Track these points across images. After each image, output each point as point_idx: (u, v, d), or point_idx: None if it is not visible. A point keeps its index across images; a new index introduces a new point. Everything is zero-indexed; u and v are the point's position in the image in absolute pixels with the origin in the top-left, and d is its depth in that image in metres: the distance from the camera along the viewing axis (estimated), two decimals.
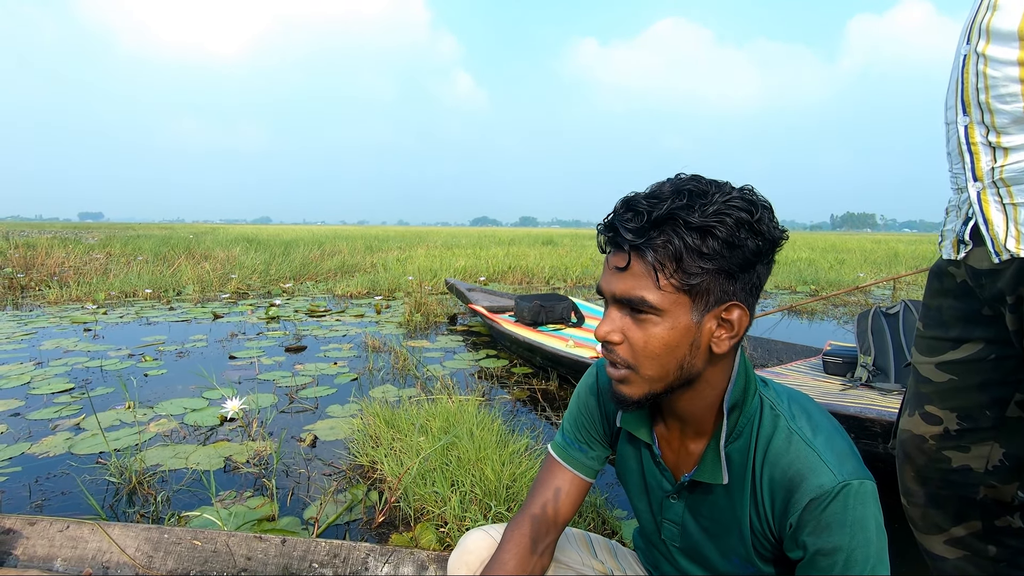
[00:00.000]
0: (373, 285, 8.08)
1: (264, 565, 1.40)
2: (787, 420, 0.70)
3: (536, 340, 3.77)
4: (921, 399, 0.89)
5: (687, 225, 0.62)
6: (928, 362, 0.89)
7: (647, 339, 0.66)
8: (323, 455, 2.36)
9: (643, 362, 0.67)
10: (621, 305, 0.67)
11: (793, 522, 0.66)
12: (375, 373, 3.65)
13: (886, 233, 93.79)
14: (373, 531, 1.78)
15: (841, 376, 2.68)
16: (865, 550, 0.63)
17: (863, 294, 8.05)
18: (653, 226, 0.63)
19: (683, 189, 0.63)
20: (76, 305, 6.35)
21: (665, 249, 0.62)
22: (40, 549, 1.40)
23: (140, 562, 1.38)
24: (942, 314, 0.88)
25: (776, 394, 0.74)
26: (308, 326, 5.31)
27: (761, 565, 0.73)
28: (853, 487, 0.64)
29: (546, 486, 0.88)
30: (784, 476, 0.68)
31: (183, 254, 10.70)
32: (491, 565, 0.84)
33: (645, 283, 0.64)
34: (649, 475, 0.82)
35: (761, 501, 0.70)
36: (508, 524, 0.88)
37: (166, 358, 4.00)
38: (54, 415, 2.79)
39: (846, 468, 0.65)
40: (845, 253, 14.84)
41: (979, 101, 0.74)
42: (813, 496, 0.64)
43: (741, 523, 0.73)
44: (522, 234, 28.88)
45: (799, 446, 0.68)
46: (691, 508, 0.78)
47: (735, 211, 0.62)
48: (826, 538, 0.64)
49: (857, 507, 0.63)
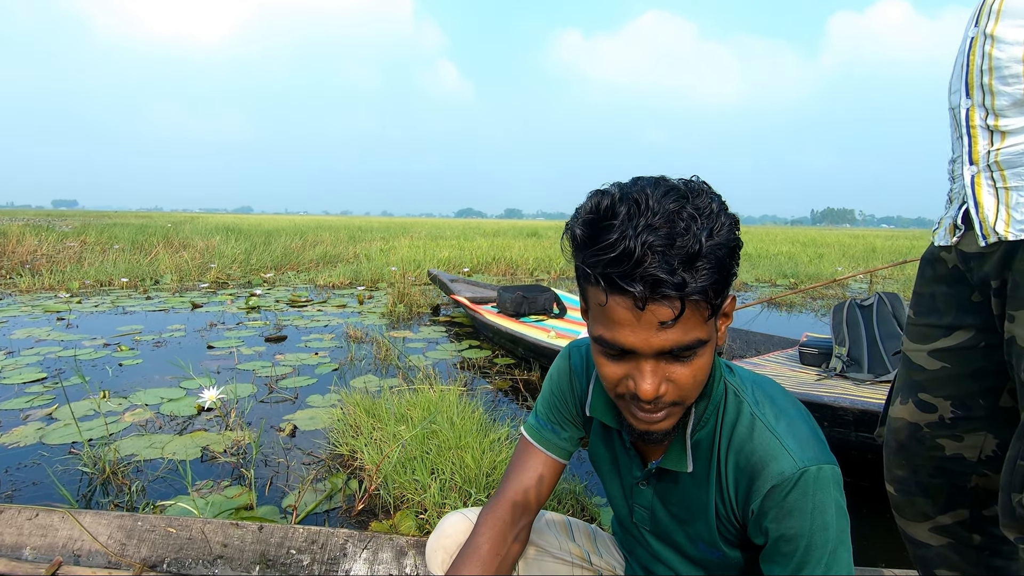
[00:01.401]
0: (356, 275, 8.02)
1: (240, 552, 1.39)
2: (750, 406, 0.70)
3: (518, 331, 3.78)
4: (915, 387, 0.89)
5: (716, 247, 0.56)
6: (920, 350, 0.89)
7: (695, 373, 0.62)
8: (303, 445, 2.35)
9: (691, 394, 0.65)
10: (664, 355, 0.60)
11: (755, 508, 0.67)
12: (357, 363, 3.63)
13: (864, 228, 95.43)
14: (353, 519, 1.78)
15: (816, 367, 2.73)
16: (824, 534, 0.64)
17: (840, 287, 8.19)
18: (687, 269, 0.55)
19: (679, 211, 0.56)
20: (49, 294, 6.20)
21: (708, 281, 0.56)
22: (8, 538, 1.37)
23: (113, 550, 1.36)
24: (935, 301, 0.88)
25: (740, 380, 0.74)
26: (289, 316, 5.25)
27: (726, 550, 0.74)
28: (812, 473, 0.64)
29: (520, 468, 0.87)
30: (747, 463, 0.68)
31: (161, 243, 10.50)
32: (465, 549, 0.84)
33: (697, 323, 0.59)
34: (620, 460, 0.83)
35: (726, 488, 0.71)
36: (483, 509, 0.87)
37: (143, 348, 3.93)
38: (25, 404, 2.73)
39: (807, 454, 0.66)
40: (824, 248, 15.08)
41: (982, 83, 0.74)
42: (774, 483, 0.65)
43: (707, 509, 0.73)
44: (507, 226, 28.84)
45: (761, 432, 0.68)
46: (660, 494, 0.79)
47: (723, 210, 0.59)
48: (787, 524, 0.65)
49: (817, 493, 0.64)
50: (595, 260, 0.57)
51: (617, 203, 0.57)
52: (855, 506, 2.08)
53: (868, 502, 1.97)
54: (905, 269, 9.26)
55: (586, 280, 0.61)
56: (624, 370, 0.63)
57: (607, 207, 0.57)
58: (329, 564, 1.38)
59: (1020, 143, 0.71)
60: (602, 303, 0.59)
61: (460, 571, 0.81)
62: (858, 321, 2.66)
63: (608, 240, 0.56)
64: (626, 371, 0.63)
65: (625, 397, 0.65)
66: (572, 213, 0.63)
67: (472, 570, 0.81)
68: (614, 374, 0.64)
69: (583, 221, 0.59)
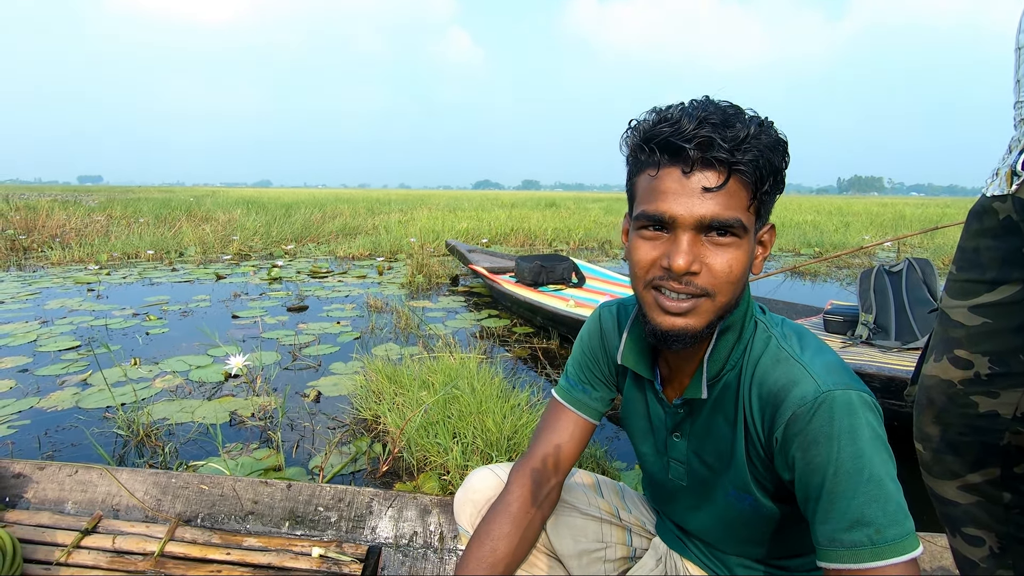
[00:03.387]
0: (375, 247, 8.06)
1: (270, 508, 1.43)
2: (777, 340, 0.69)
3: (537, 300, 3.77)
4: (950, 344, 0.87)
5: (764, 137, 0.60)
6: (961, 305, 0.87)
7: (731, 264, 0.62)
8: (327, 410, 2.40)
9: (723, 288, 0.63)
10: (700, 230, 0.61)
11: (779, 437, 0.63)
12: (377, 332, 3.67)
13: (893, 197, 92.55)
14: (377, 480, 1.82)
15: (842, 335, 2.68)
16: (857, 461, 0.58)
17: (867, 256, 8.01)
18: (741, 143, 0.59)
19: (735, 112, 0.61)
20: (79, 266, 6.36)
21: (757, 164, 0.60)
22: (51, 493, 1.43)
23: (149, 505, 1.41)
24: (979, 255, 0.86)
25: (770, 319, 0.73)
26: (310, 287, 5.32)
27: (759, 495, 0.71)
28: (837, 396, 0.60)
29: (551, 429, 0.87)
30: (770, 392, 0.65)
31: (184, 216, 10.65)
32: (496, 506, 0.83)
33: (739, 202, 0.61)
34: (653, 415, 0.81)
35: (751, 420, 0.68)
36: (513, 466, 0.87)
37: (170, 317, 4.03)
38: (61, 371, 2.83)
39: (832, 379, 0.62)
40: (851, 216, 14.69)
41: None
42: (796, 408, 0.61)
43: (736, 449, 0.71)
44: (524, 197, 28.62)
45: (786, 361, 0.66)
46: (693, 446, 0.77)
47: (772, 129, 0.62)
48: (813, 452, 0.60)
49: (845, 418, 0.59)
50: (654, 132, 0.62)
51: (677, 106, 0.63)
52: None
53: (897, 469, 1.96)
54: (935, 237, 8.99)
55: (642, 155, 0.64)
56: (660, 250, 0.64)
57: (669, 107, 0.64)
58: (355, 521, 1.42)
59: None
60: (653, 175, 0.63)
61: (490, 528, 0.81)
62: (886, 288, 2.59)
63: (670, 118, 0.61)
64: (662, 251, 0.63)
65: (654, 282, 0.65)
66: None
67: (502, 528, 0.81)
68: (648, 255, 0.64)
69: (648, 113, 0.65)
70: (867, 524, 0.56)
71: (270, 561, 1.25)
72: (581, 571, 0.90)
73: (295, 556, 1.27)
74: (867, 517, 0.56)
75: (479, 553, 0.80)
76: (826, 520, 0.58)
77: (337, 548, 1.29)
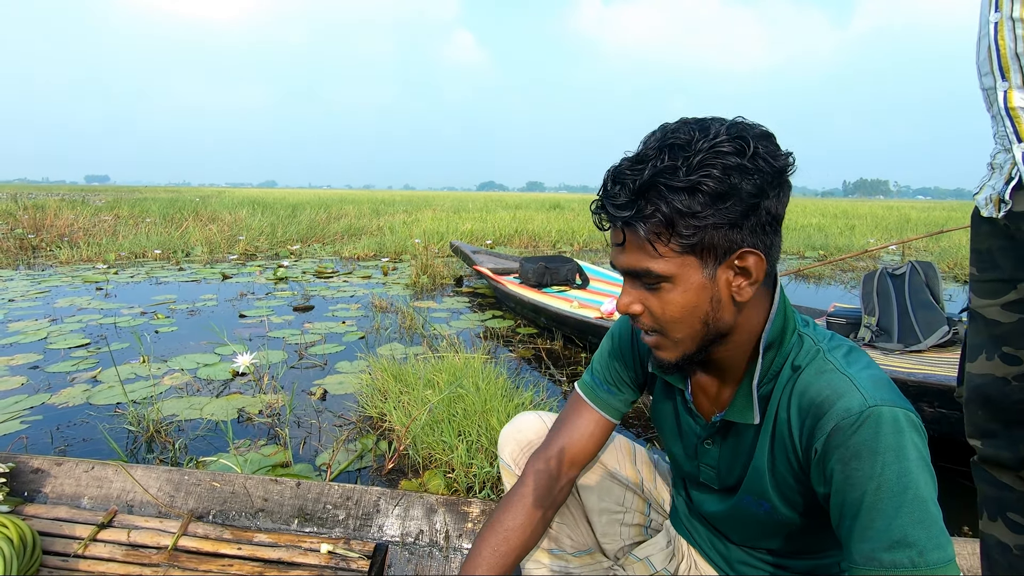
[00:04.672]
0: (380, 248, 8.10)
1: (280, 506, 1.46)
2: (825, 353, 0.66)
3: (541, 301, 3.80)
4: (997, 341, 0.89)
5: (672, 188, 0.59)
6: (992, 304, 0.89)
7: (664, 306, 0.65)
8: (333, 408, 2.43)
9: (668, 327, 0.66)
10: (632, 277, 0.66)
11: (818, 447, 0.61)
12: (382, 332, 3.70)
13: (899, 200, 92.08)
14: (383, 477, 1.85)
15: (844, 337, 2.70)
16: (903, 480, 0.55)
17: (872, 259, 7.99)
18: (639, 196, 0.60)
19: (667, 144, 0.60)
20: (87, 265, 6.42)
21: (655, 218, 0.60)
22: (68, 488, 1.47)
23: (162, 501, 1.44)
24: (993, 256, 0.88)
25: (816, 331, 0.70)
26: (316, 287, 5.36)
27: (778, 503, 0.70)
28: (885, 412, 0.57)
29: (571, 424, 0.88)
30: (812, 403, 0.63)
31: (191, 216, 10.72)
32: (512, 497, 0.85)
33: (645, 255, 0.63)
34: (683, 420, 0.81)
35: (786, 430, 0.66)
36: (531, 457, 0.89)
37: (177, 316, 4.07)
38: (71, 368, 2.87)
39: (880, 394, 0.59)
40: (856, 219, 14.66)
41: (1020, 66, 0.74)
42: (840, 420, 0.59)
43: (757, 455, 0.70)
44: (529, 199, 28.64)
45: (831, 373, 0.63)
46: (726, 452, 0.76)
47: (722, 157, 0.59)
48: (854, 465, 0.57)
49: (892, 435, 0.56)
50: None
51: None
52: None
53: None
54: (940, 241, 8.96)
55: None
56: None
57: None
58: (363, 519, 1.45)
59: None
60: None
61: (504, 518, 0.84)
62: (889, 290, 2.60)
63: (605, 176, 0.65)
64: None
65: None
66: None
67: (516, 520, 0.83)
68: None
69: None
70: (910, 545, 0.54)
71: (280, 556, 1.28)
72: (601, 528, 0.93)
73: (304, 552, 1.30)
74: (910, 538, 0.54)
75: (493, 541, 0.83)
76: (864, 538, 0.56)
77: (345, 545, 1.32)
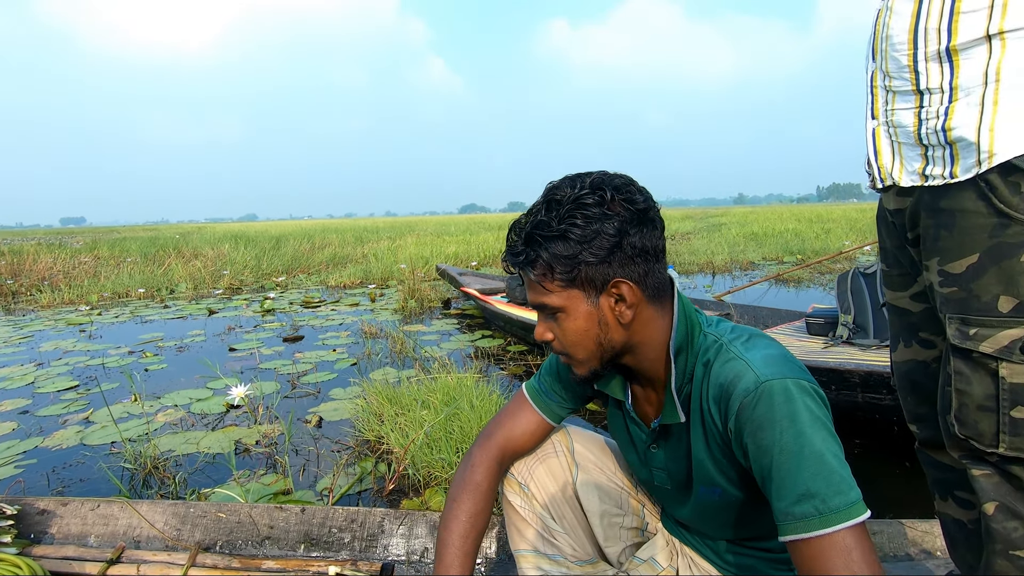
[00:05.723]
0: (366, 275, 8.13)
1: (286, 532, 1.48)
2: (726, 344, 0.75)
3: (530, 318, 3.85)
4: (913, 328, 0.95)
5: (547, 238, 0.72)
6: (902, 296, 0.95)
7: (563, 332, 0.78)
8: (330, 434, 2.45)
9: (570, 349, 0.79)
10: (539, 310, 0.79)
11: (732, 427, 0.70)
12: (374, 357, 3.72)
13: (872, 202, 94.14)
14: (385, 498, 1.88)
15: (824, 336, 2.79)
16: (799, 441, 0.63)
17: (848, 260, 8.20)
18: (526, 245, 0.75)
19: (547, 200, 0.74)
20: (70, 308, 6.35)
21: (539, 261, 0.74)
22: (74, 527, 1.47)
23: (169, 535, 1.46)
24: (893, 253, 0.96)
25: (721, 328, 0.79)
26: (304, 317, 5.36)
27: (725, 485, 0.78)
28: (775, 384, 0.66)
29: (514, 419, 0.96)
30: (721, 387, 0.72)
31: (172, 253, 10.66)
32: (468, 486, 0.92)
33: (540, 291, 0.76)
34: (631, 430, 0.90)
35: (711, 416, 0.75)
36: (475, 445, 0.96)
37: (166, 353, 4.05)
38: (62, 411, 2.85)
39: (771, 370, 0.68)
40: (831, 223, 15.01)
41: (883, 49, 0.82)
42: (742, 399, 0.68)
43: (695, 446, 0.78)
44: (511, 219, 28.72)
45: (733, 360, 0.72)
46: (669, 453, 0.84)
47: (583, 208, 0.71)
48: (760, 437, 0.66)
49: (783, 403, 0.65)
50: None
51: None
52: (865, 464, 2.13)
53: (877, 459, 2.04)
54: None
55: None
56: None
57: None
58: (368, 541, 1.47)
59: (907, 107, 0.80)
60: None
61: (466, 506, 0.90)
62: (862, 288, 2.71)
63: None
64: None
65: None
66: None
67: (477, 506, 0.90)
68: None
69: None
70: (812, 496, 0.62)
71: None
72: (603, 530, 0.97)
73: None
74: (812, 490, 0.62)
75: (460, 530, 0.88)
76: (779, 497, 0.64)
77: (352, 566, 1.35)
